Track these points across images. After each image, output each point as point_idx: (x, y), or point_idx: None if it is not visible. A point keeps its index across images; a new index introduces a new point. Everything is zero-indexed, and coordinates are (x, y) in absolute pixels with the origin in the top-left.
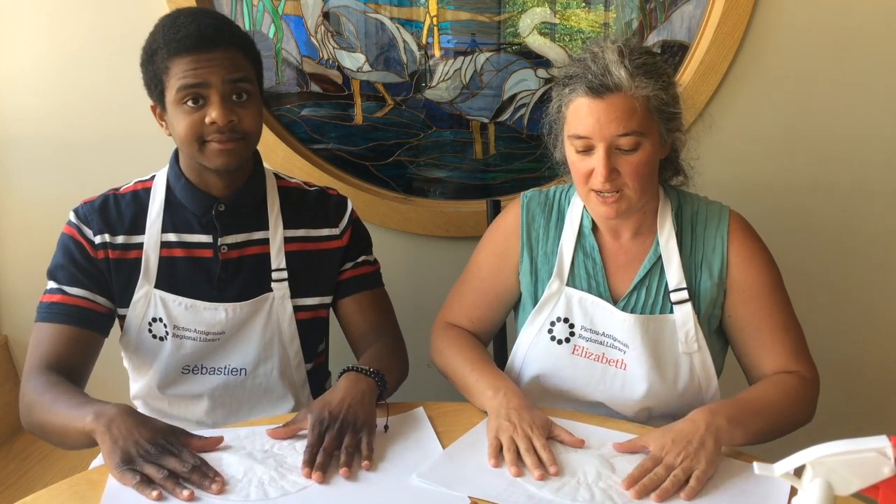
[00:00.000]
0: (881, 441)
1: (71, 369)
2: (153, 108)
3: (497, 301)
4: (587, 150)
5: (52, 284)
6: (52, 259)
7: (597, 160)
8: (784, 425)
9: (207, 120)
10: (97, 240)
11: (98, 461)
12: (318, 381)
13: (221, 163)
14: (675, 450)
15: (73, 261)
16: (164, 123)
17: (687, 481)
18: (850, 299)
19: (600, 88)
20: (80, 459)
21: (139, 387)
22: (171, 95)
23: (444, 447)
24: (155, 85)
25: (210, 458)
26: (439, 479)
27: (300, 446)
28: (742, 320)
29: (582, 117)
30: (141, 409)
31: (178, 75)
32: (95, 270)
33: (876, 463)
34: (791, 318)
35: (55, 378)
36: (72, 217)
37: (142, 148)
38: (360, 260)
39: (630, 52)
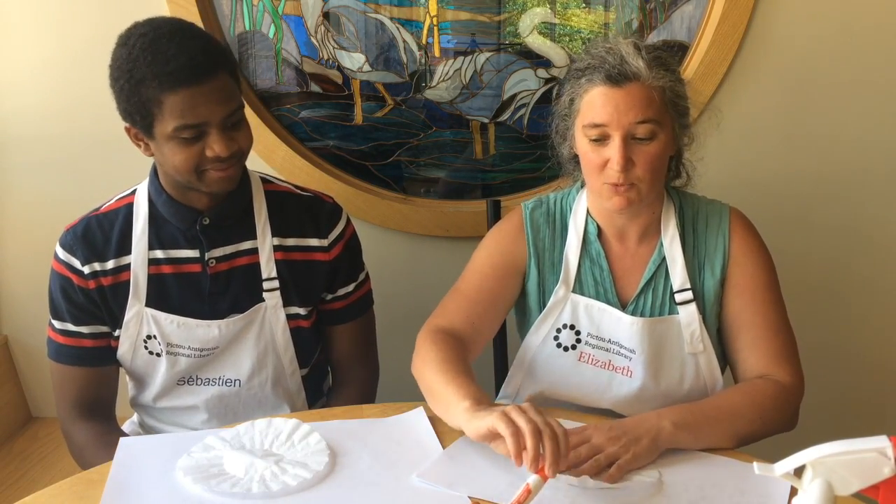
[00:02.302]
0: (881, 441)
1: (102, 400)
2: (128, 130)
3: (493, 305)
4: (602, 139)
5: (57, 324)
6: (48, 294)
7: (613, 149)
8: (752, 431)
9: (210, 154)
10: (86, 270)
11: None
12: (315, 382)
13: (222, 188)
14: (607, 435)
15: (70, 299)
16: (142, 144)
17: (609, 468)
18: (851, 298)
19: (619, 77)
20: None
21: (137, 396)
22: (163, 129)
23: (444, 447)
24: (140, 114)
25: (211, 458)
26: (439, 479)
27: (299, 444)
28: (732, 315)
29: (599, 106)
30: (140, 416)
31: (174, 113)
32: (92, 304)
33: (876, 463)
34: (782, 320)
35: (99, 427)
36: (58, 251)
37: None
38: (340, 293)
39: (644, 46)
